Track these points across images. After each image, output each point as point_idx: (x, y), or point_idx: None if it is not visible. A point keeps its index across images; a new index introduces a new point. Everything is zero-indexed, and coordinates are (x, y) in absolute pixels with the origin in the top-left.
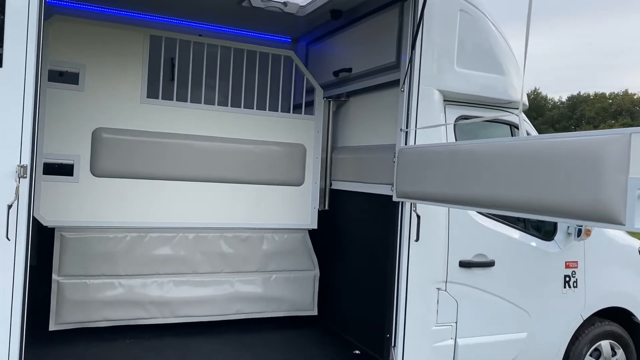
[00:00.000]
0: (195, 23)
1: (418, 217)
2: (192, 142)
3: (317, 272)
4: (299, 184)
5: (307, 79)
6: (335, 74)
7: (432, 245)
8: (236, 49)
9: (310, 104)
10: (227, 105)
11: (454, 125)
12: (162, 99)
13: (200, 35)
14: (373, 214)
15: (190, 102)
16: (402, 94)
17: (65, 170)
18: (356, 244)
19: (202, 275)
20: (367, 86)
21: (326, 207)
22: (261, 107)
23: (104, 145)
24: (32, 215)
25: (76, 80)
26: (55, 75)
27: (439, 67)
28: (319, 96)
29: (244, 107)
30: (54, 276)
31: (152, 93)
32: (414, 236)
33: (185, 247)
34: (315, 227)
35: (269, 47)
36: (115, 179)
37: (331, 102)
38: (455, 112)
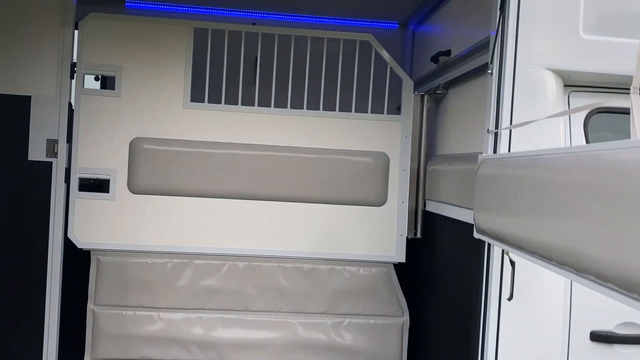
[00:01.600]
0: (290, 16)
1: (512, 263)
2: (244, 152)
3: (406, 318)
4: (379, 203)
5: (391, 68)
6: (434, 59)
7: (539, 307)
8: (298, 36)
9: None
10: (286, 107)
11: (585, 122)
12: (209, 102)
13: (253, 24)
14: (471, 250)
15: (242, 104)
16: (490, 77)
17: (101, 186)
18: (453, 287)
19: (255, 314)
20: (465, 72)
21: (418, 235)
22: (330, 107)
23: (142, 158)
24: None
25: (112, 84)
26: (91, 81)
27: (552, 35)
28: (407, 90)
29: (308, 109)
30: (89, 305)
31: (197, 96)
32: (506, 293)
33: (235, 279)
34: (403, 260)
35: (343, 32)
36: (155, 196)
37: (425, 97)
38: (587, 103)
